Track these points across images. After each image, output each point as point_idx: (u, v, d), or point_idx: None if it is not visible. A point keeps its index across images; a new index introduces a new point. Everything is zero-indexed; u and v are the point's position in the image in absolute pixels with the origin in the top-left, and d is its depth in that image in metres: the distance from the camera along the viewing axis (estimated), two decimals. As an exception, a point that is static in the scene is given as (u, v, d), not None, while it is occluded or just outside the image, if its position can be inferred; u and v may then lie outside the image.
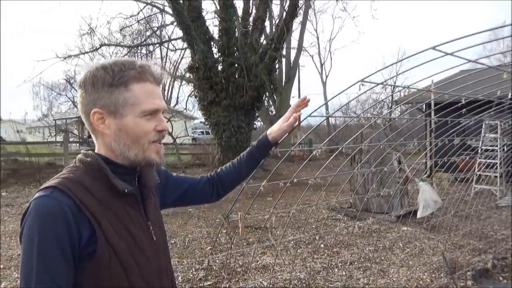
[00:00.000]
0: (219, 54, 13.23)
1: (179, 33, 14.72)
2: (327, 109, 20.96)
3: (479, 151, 8.38)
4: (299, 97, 30.07)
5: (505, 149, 8.26)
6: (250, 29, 13.32)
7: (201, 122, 15.44)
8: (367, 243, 5.57)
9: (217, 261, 4.91)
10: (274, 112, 19.57)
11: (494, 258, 4.77)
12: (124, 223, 1.02)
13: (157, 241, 1.12)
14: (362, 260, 4.93)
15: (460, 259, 4.80)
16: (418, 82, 2.90)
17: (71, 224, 0.91)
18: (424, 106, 9.76)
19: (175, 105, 30.39)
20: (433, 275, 4.38)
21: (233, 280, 4.28)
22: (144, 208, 1.11)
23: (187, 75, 14.64)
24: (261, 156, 1.55)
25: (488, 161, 8.41)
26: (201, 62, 12.57)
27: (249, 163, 1.54)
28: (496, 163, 8.14)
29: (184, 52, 19.55)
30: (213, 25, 13.92)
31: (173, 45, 19.03)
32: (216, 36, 13.33)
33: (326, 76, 35.59)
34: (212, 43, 13.34)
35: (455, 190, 6.61)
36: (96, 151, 1.09)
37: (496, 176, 8.33)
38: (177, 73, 19.53)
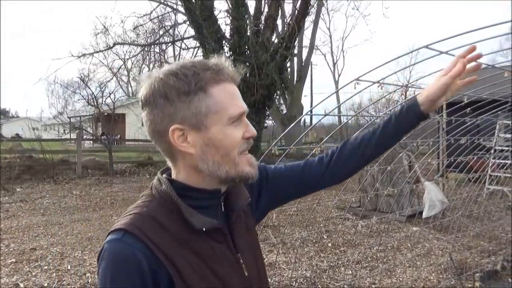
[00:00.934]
0: (231, 52, 13.28)
1: (191, 32, 14.85)
2: (339, 109, 20.87)
3: (492, 151, 8.24)
4: (311, 96, 29.81)
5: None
6: (261, 27, 13.34)
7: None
8: (375, 242, 5.55)
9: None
10: (285, 111, 19.56)
11: (504, 260, 4.71)
12: (208, 263, 0.86)
13: (249, 275, 0.94)
14: (369, 259, 4.92)
15: (469, 260, 4.76)
16: (421, 78, 2.88)
17: (145, 272, 0.79)
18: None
19: (187, 104, 30.57)
20: (441, 276, 4.34)
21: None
22: (232, 238, 0.93)
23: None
24: (403, 126, 1.12)
25: (502, 161, 8.28)
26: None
27: (383, 134, 1.13)
28: (510, 163, 8.01)
29: (197, 51, 19.68)
30: (224, 24, 13.97)
31: (185, 44, 19.14)
32: (227, 34, 13.39)
33: (339, 75, 35.40)
34: (223, 41, 13.40)
35: (467, 190, 6.53)
36: (173, 176, 0.93)
37: (509, 177, 8.19)
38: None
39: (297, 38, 13.65)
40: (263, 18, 13.50)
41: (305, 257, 4.96)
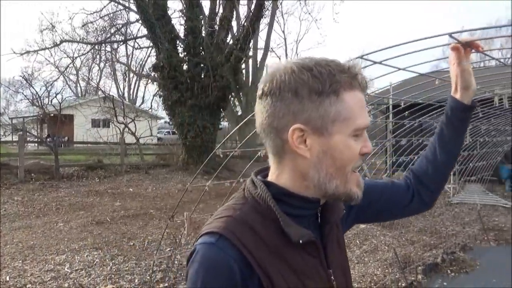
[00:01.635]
0: (185, 53, 13.13)
1: (144, 31, 14.49)
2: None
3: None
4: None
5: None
6: (216, 28, 13.30)
7: (165, 122, 15.23)
8: (326, 241, 5.69)
9: (176, 262, 4.86)
10: (240, 113, 19.62)
11: (444, 253, 4.99)
12: (300, 277, 0.80)
13: None
14: (320, 257, 5.03)
15: (412, 254, 5.00)
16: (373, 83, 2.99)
17: (237, 280, 0.75)
18: (386, 108, 10.10)
19: (140, 105, 29.87)
20: (386, 271, 4.53)
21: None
22: (324, 252, 0.86)
23: (152, 74, 14.44)
24: (457, 125, 1.08)
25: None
26: (166, 61, 12.43)
27: (442, 142, 1.09)
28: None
29: (150, 50, 19.24)
30: (179, 24, 13.80)
31: (137, 43, 18.67)
32: (182, 35, 13.22)
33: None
34: (177, 42, 13.22)
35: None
36: (271, 177, 0.86)
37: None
38: (143, 72, 19.17)
39: (251, 40, 13.75)
40: (217, 19, 13.47)
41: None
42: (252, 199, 0.82)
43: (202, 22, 13.22)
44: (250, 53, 17.40)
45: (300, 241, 0.78)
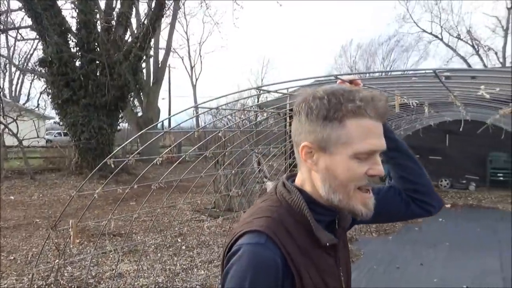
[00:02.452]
0: (77, 48, 12.15)
1: (29, 21, 13.01)
2: (197, 113, 21.06)
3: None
4: (169, 99, 29.45)
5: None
6: (113, 24, 12.57)
7: (55, 122, 13.90)
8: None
9: (66, 274, 4.47)
10: (141, 114, 18.83)
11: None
12: (322, 275, 0.91)
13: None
14: (221, 258, 5.08)
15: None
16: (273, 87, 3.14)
17: (279, 277, 0.84)
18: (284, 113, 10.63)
19: (25, 103, 26.74)
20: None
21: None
22: (337, 253, 0.99)
23: (39, 69, 13.04)
24: (388, 145, 1.13)
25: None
26: (55, 55, 11.35)
27: (392, 159, 1.20)
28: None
29: (37, 43, 17.38)
30: (70, 16, 12.73)
31: (20, 34, 16.72)
32: (74, 29, 12.19)
33: (196, 79, 35.79)
34: (69, 35, 12.17)
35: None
36: (299, 183, 0.97)
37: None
38: (28, 66, 17.22)
39: (152, 39, 13.30)
40: (115, 14, 12.74)
41: (157, 262, 4.85)
42: (286, 203, 0.93)
43: (98, 17, 12.38)
44: (152, 53, 16.82)
45: (328, 244, 0.91)
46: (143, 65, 15.06)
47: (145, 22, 12.86)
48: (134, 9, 14.66)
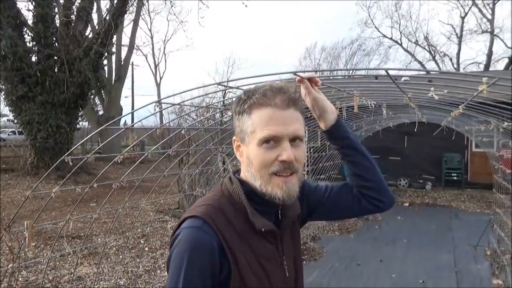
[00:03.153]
0: (34, 42, 11.60)
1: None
2: (161, 113, 20.73)
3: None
4: (132, 97, 28.74)
5: (312, 151, 9.74)
6: (73, 19, 12.10)
7: (8, 119, 13.19)
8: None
9: (21, 279, 4.26)
10: (102, 112, 18.25)
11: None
12: (259, 260, 0.98)
13: (290, 277, 1.05)
14: (186, 258, 5.02)
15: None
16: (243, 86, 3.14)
17: (215, 259, 0.91)
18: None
19: (-25, 99, 25.15)
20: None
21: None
22: (280, 241, 1.04)
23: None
24: (340, 143, 1.20)
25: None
26: (9, 50, 10.77)
27: (346, 156, 1.21)
28: (304, 162, 9.47)
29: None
30: (26, 9, 12.10)
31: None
32: (30, 22, 11.63)
33: (161, 78, 35.11)
34: (25, 29, 11.59)
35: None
36: (243, 176, 1.04)
37: (304, 174, 9.70)
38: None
39: (114, 36, 12.93)
40: (75, 9, 12.28)
41: (119, 264, 4.72)
42: (228, 193, 1.01)
43: (56, 10, 11.87)
44: (114, 50, 16.34)
45: (262, 229, 0.97)
46: (105, 62, 14.63)
47: (107, 17, 12.47)
48: (95, 4, 14.19)
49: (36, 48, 11.56)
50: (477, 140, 8.00)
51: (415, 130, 5.14)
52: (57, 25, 11.73)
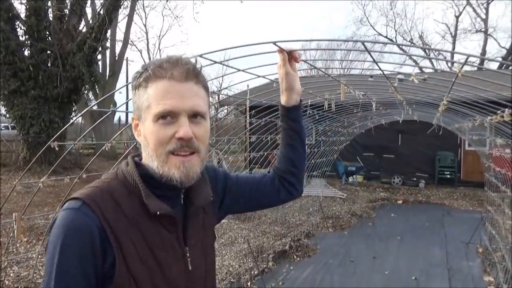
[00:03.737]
0: (27, 36, 11.47)
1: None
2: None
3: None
4: (127, 93, 28.68)
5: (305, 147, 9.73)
6: (66, 13, 11.98)
7: (0, 114, 13.06)
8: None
9: (12, 274, 4.23)
10: (96, 107, 18.12)
11: (291, 240, 5.53)
12: (152, 248, 0.86)
13: (193, 271, 0.93)
14: (179, 254, 5.02)
15: (265, 244, 5.40)
16: (237, 84, 3.12)
17: (96, 244, 0.81)
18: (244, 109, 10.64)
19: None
20: (242, 261, 4.79)
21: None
22: (184, 231, 0.93)
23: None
24: (291, 124, 1.21)
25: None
26: (1, 43, 10.64)
27: (288, 141, 1.21)
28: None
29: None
30: (19, 2, 11.98)
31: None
32: (23, 16, 11.49)
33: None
34: (17, 23, 11.46)
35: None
36: (143, 159, 0.94)
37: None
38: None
39: (108, 30, 12.82)
40: (68, 3, 12.16)
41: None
42: (122, 175, 0.92)
43: (49, 4, 11.74)
44: (108, 44, 16.21)
45: (158, 213, 0.86)
46: (99, 57, 14.49)
47: (101, 12, 12.35)
48: (89, -2, 14.06)
49: (28, 42, 11.43)
50: (468, 138, 8.06)
51: (400, 120, 5.16)
52: (50, 19, 11.61)
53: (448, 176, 11.15)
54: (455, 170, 11.13)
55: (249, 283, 4.18)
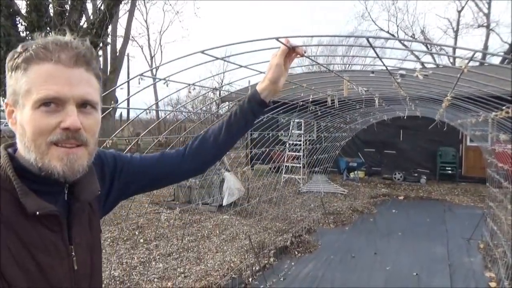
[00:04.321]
0: (27, 32, 11.45)
1: (-28, 1, 12.10)
2: (157, 105, 20.62)
3: (287, 145, 9.60)
4: (128, 89, 28.63)
5: (307, 143, 9.74)
6: (67, 8, 11.95)
7: (3, 110, 13.05)
8: (187, 233, 5.72)
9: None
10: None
11: (292, 236, 5.53)
12: (30, 250, 0.77)
13: (79, 270, 0.86)
14: (180, 250, 5.03)
15: (266, 240, 5.40)
16: (239, 80, 3.11)
17: None
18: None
19: (-32, 89, 24.93)
20: (243, 257, 4.80)
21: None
22: (69, 229, 0.85)
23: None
24: (252, 116, 1.19)
25: (294, 153, 9.74)
26: (2, 39, 10.63)
27: (230, 124, 1.19)
28: (300, 155, 9.51)
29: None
30: (19, -3, 11.96)
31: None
32: (23, 11, 11.47)
33: (156, 69, 34.90)
34: (18, 18, 11.44)
35: (268, 179, 7.41)
36: (19, 150, 0.83)
37: (299, 167, 9.72)
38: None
39: (109, 26, 12.80)
40: (69, -2, 12.11)
41: (114, 256, 4.71)
42: None
43: (50, 0, 11.71)
44: (109, 40, 16.18)
45: (37, 213, 0.77)
46: (100, 52, 14.47)
47: (102, 7, 12.32)
48: (90, -6, 14.02)
49: (29, 37, 11.40)
50: (470, 134, 8.04)
51: (410, 124, 5.15)
52: (51, 14, 11.58)
53: (450, 171, 11.13)
54: (457, 166, 11.11)
55: (250, 279, 4.19)
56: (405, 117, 7.30)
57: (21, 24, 11.48)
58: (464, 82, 2.49)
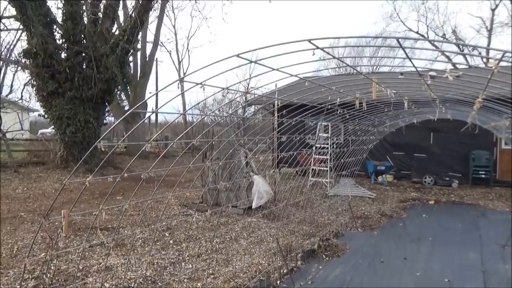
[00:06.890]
0: (63, 40, 11.96)
1: (13, 10, 12.73)
2: (184, 108, 20.98)
3: (314, 148, 9.57)
4: (156, 93, 29.31)
5: (334, 147, 9.69)
6: (100, 16, 12.40)
7: (39, 115, 13.67)
8: (216, 235, 5.81)
9: (53, 267, 4.44)
10: (128, 107, 18.65)
11: (320, 240, 5.52)
12: None
13: None
14: (209, 252, 5.12)
15: (293, 243, 5.42)
16: (266, 85, 3.17)
17: None
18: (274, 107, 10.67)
19: (7, 94, 26.17)
20: (271, 260, 4.83)
21: (69, 286, 3.94)
22: None
23: (23, 60, 12.79)
24: None
25: (321, 157, 9.70)
26: (40, 47, 11.16)
27: None
28: (327, 158, 9.46)
29: (21, 33, 17.00)
30: (56, 7, 12.51)
31: (3, 24, 16.30)
32: (60, 20, 12.00)
33: (184, 74, 35.51)
34: (54, 27, 11.97)
35: (295, 182, 7.42)
36: None
37: (326, 170, 9.67)
38: (11, 57, 16.80)
39: (140, 32, 13.18)
40: (102, 6, 12.57)
41: (146, 256, 4.85)
42: None
43: (84, 8, 12.19)
44: (139, 46, 16.64)
45: None
46: (130, 58, 14.91)
47: (133, 15, 12.71)
48: (121, 1, 14.49)
49: (65, 45, 11.91)
50: (505, 137, 7.75)
51: (441, 126, 5.06)
52: (85, 22, 12.05)
53: (483, 175, 10.77)
54: (491, 170, 10.74)
55: (278, 282, 4.22)
56: (435, 120, 7.14)
57: (58, 32, 12.01)
58: (495, 83, 2.45)
